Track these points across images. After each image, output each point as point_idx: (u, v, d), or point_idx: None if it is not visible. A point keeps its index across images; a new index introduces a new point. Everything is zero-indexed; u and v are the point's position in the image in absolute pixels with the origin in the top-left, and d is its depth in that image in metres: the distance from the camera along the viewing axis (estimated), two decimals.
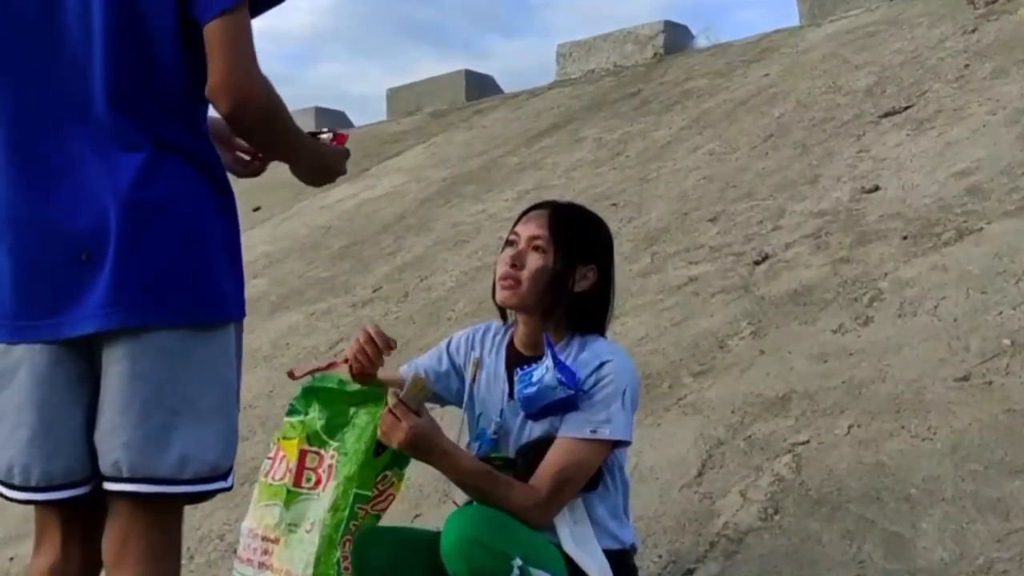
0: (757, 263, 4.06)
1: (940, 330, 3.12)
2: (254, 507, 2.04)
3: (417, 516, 3.02)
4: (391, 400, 1.91)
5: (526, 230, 2.10)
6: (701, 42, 8.96)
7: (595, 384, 1.99)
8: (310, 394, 2.09)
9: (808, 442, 2.79)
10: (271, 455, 2.08)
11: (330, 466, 2.00)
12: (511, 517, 1.91)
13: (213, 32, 1.57)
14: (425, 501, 3.10)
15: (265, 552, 1.97)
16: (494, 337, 2.22)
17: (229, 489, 1.68)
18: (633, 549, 2.13)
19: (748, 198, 4.84)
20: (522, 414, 2.04)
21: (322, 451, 2.03)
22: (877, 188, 4.34)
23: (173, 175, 1.61)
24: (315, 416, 2.07)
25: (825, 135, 5.29)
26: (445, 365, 2.23)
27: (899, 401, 2.84)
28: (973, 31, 5.91)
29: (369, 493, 1.98)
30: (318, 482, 2.01)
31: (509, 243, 2.14)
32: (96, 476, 1.60)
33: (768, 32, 8.23)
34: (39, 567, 1.67)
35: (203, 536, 3.40)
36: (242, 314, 1.69)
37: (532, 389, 1.97)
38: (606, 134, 7.07)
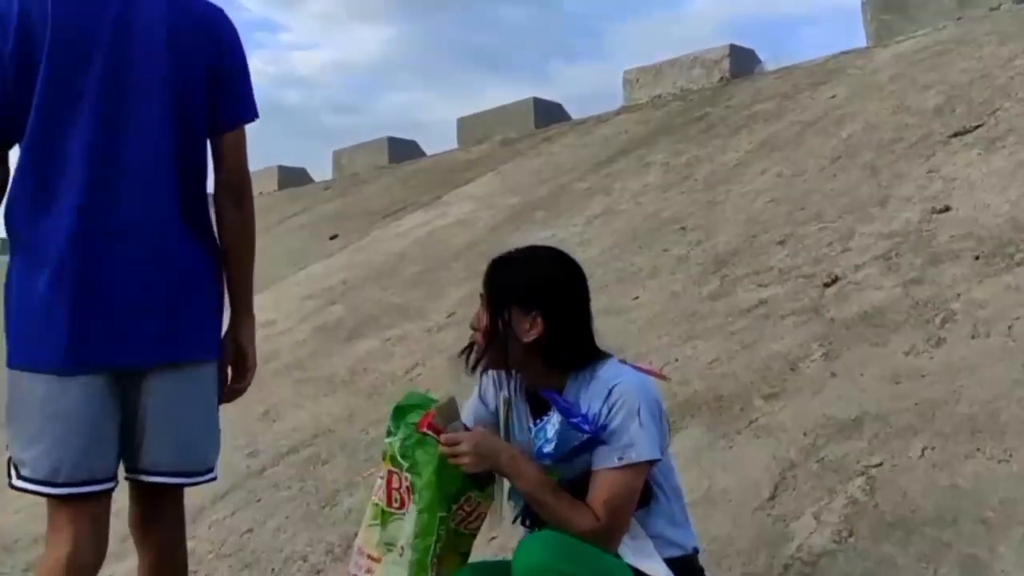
0: (827, 285, 4.07)
1: (1015, 350, 3.10)
2: (364, 525, 2.13)
3: (492, 539, 3.08)
4: (442, 438, 2.01)
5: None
6: (769, 65, 8.96)
7: (609, 412, 1.96)
8: (399, 414, 2.16)
9: (881, 464, 2.80)
10: (382, 475, 2.16)
11: (407, 487, 2.07)
12: (580, 540, 1.93)
13: (240, 133, 2.21)
14: (501, 523, 3.16)
15: (368, 571, 2.07)
16: (516, 375, 2.17)
17: (215, 480, 2.24)
18: (695, 552, 2.13)
19: (817, 220, 4.84)
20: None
21: (401, 472, 2.10)
22: (948, 208, 4.32)
23: (206, 248, 2.17)
24: (398, 436, 2.14)
25: (894, 156, 5.27)
26: (481, 411, 2.23)
27: (974, 423, 2.83)
28: None
29: (447, 514, 2.05)
30: (402, 503, 2.08)
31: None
32: (115, 476, 2.07)
33: (835, 54, 8.21)
34: (63, 547, 2.01)
35: (287, 557, 3.51)
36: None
37: (550, 446, 1.99)
38: (674, 158, 7.11)
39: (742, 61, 9.09)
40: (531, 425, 2.09)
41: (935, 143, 5.18)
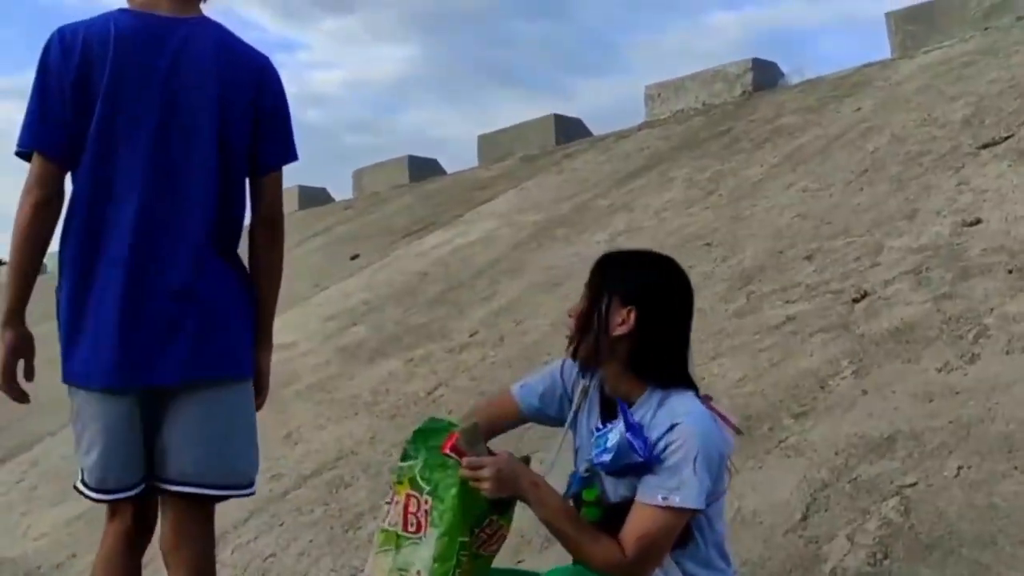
0: (856, 301, 4.00)
1: None
2: (373, 554, 2.09)
3: (519, 562, 3.04)
4: (464, 461, 1.97)
5: None
6: (793, 79, 8.91)
7: (665, 448, 1.91)
8: (419, 438, 2.13)
9: (916, 484, 2.73)
10: (388, 500, 2.13)
11: (426, 511, 2.04)
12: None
13: (278, 175, 2.40)
14: (527, 547, 3.12)
15: None
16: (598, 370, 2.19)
17: (252, 494, 2.36)
18: None
19: (844, 235, 4.78)
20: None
21: (420, 496, 2.07)
22: (979, 221, 4.25)
23: (238, 277, 2.33)
24: (419, 460, 2.11)
25: (922, 168, 5.20)
26: (555, 386, 2.22)
27: (1010, 441, 2.76)
28: None
29: (468, 539, 2.02)
30: (419, 527, 2.05)
31: None
32: (146, 479, 2.24)
33: (859, 66, 8.15)
34: (116, 530, 2.30)
35: None
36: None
37: (608, 456, 1.95)
38: (697, 173, 7.06)
39: (765, 75, 9.04)
40: (597, 426, 2.06)
41: (964, 155, 5.11)
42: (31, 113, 2.19)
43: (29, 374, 2.29)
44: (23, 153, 2.21)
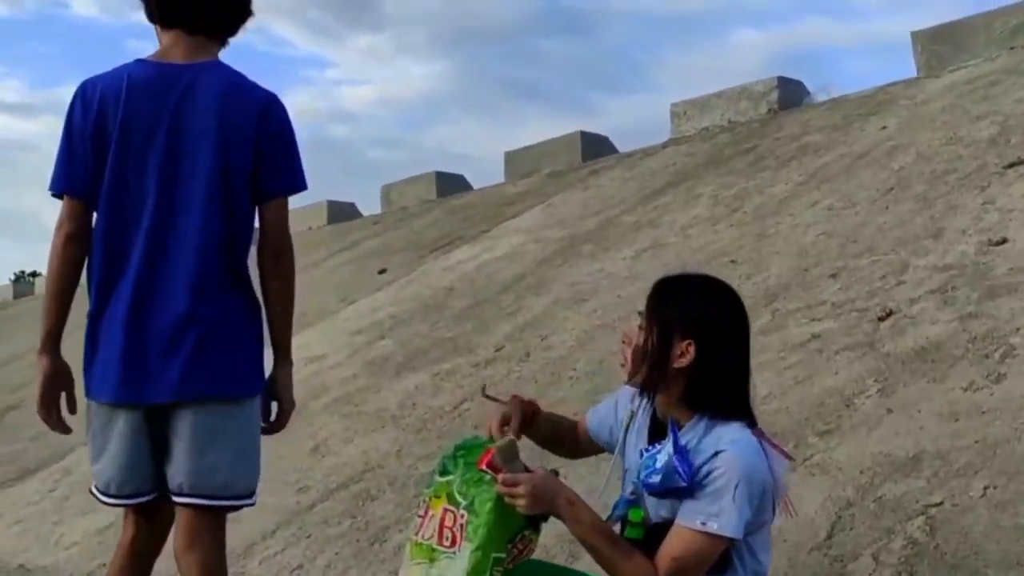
0: (881, 319, 4.01)
1: None
2: (405, 567, 2.12)
3: None
4: (500, 477, 2.01)
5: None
6: (818, 97, 8.90)
7: (707, 475, 1.93)
8: (458, 452, 2.17)
9: (942, 504, 2.74)
10: (421, 513, 2.16)
11: (461, 525, 2.06)
12: None
13: (282, 202, 2.52)
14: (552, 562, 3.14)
15: None
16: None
17: (253, 504, 2.52)
18: None
19: (869, 253, 4.78)
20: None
21: (456, 510, 2.10)
22: (1005, 240, 4.25)
23: (244, 301, 2.50)
24: (456, 475, 2.15)
25: (947, 187, 5.20)
26: (611, 414, 2.30)
27: None
28: None
29: (504, 555, 2.04)
30: (454, 541, 2.08)
31: None
32: (157, 489, 2.44)
33: (884, 85, 8.14)
34: (126, 537, 2.54)
35: None
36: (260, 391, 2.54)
37: (656, 477, 1.97)
38: (722, 191, 7.08)
39: (790, 93, 9.04)
40: (645, 447, 2.08)
41: (990, 174, 5.10)
42: (59, 159, 2.48)
43: (72, 406, 2.53)
44: (56, 193, 2.49)
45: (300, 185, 2.57)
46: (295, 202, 2.68)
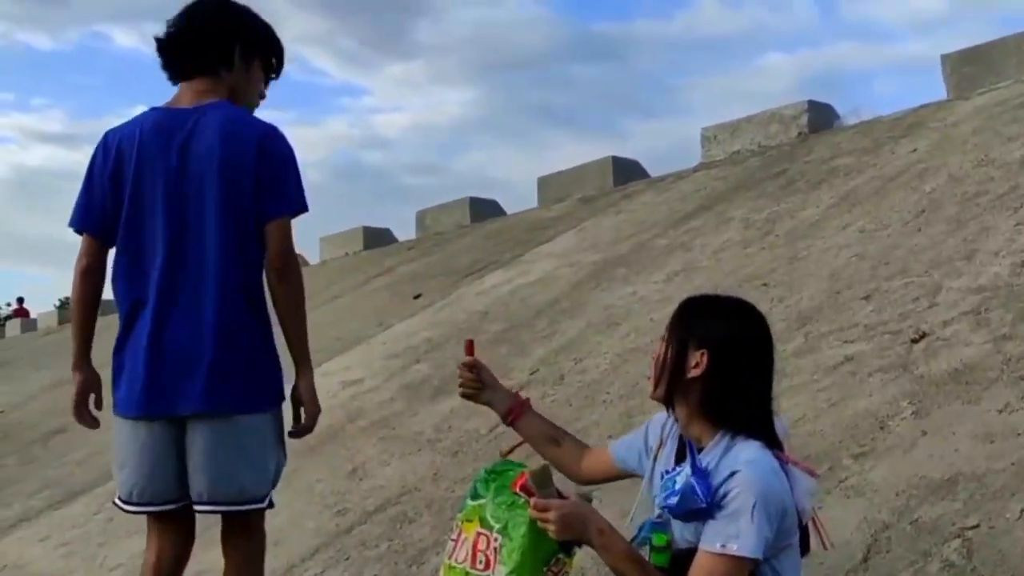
0: (915, 341, 4.02)
1: None
2: None
3: None
4: (532, 502, 2.06)
5: None
6: (848, 120, 8.91)
7: (725, 496, 1.95)
8: (491, 477, 2.22)
9: (978, 526, 2.75)
10: (454, 537, 2.21)
11: (495, 548, 2.11)
12: None
13: (281, 223, 2.73)
14: None
15: None
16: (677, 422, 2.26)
17: (271, 508, 2.78)
18: None
19: (902, 275, 4.80)
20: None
21: (490, 533, 2.14)
22: None
23: (257, 320, 2.74)
24: (488, 498, 2.19)
25: (980, 209, 5.20)
26: (640, 441, 2.35)
27: None
28: None
29: None
30: (488, 564, 2.12)
31: None
32: (180, 499, 2.69)
33: (914, 107, 8.14)
34: (151, 556, 2.76)
35: None
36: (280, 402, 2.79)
37: (674, 499, 2.00)
38: (753, 214, 7.10)
39: (820, 116, 9.06)
40: (668, 468, 2.14)
41: (1022, 196, 5.11)
42: (79, 199, 2.79)
43: (99, 404, 2.85)
44: (76, 230, 2.79)
45: (299, 206, 2.78)
46: (332, 228, 3.05)
